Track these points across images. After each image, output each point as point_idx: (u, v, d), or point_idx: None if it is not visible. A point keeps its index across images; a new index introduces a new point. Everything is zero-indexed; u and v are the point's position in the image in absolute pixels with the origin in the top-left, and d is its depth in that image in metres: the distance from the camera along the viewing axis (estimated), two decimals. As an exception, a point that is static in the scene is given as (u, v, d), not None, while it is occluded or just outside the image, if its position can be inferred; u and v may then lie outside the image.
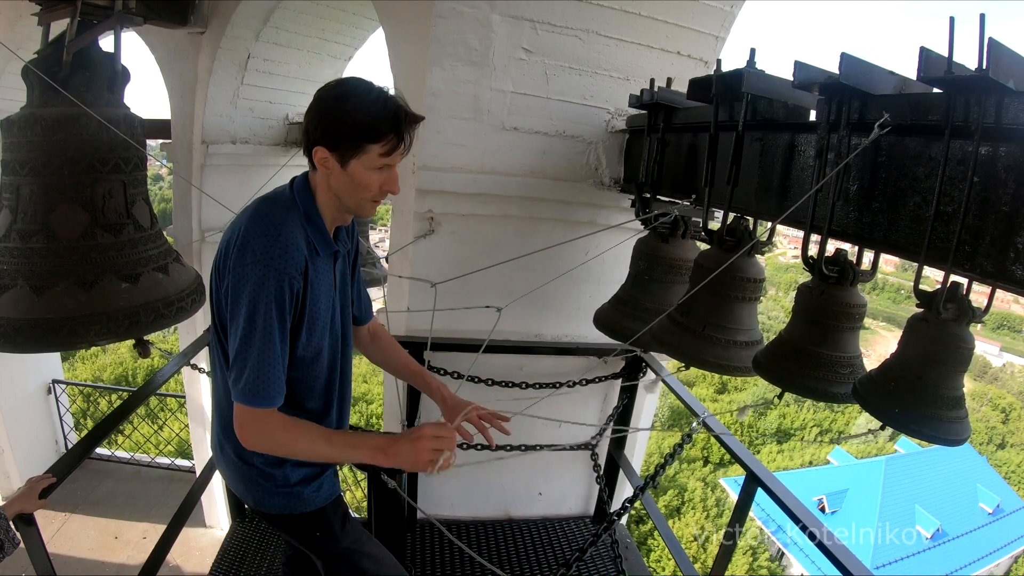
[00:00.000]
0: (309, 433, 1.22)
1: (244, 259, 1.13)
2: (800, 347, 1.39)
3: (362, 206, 1.24)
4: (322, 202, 1.24)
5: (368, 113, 1.12)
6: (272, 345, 1.14)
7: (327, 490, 1.43)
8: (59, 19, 1.87)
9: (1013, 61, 0.91)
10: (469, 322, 2.24)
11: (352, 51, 3.77)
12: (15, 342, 1.69)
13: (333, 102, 1.14)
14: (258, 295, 1.11)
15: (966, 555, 16.84)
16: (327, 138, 1.14)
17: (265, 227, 1.15)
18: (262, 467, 1.33)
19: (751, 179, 1.54)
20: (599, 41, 2.17)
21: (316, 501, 1.40)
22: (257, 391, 1.14)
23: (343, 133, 1.13)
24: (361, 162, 1.15)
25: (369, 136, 1.13)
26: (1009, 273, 0.94)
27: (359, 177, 1.17)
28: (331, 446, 1.24)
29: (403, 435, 1.24)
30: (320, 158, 1.16)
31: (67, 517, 3.99)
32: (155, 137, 3.53)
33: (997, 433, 26.27)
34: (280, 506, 1.37)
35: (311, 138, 1.16)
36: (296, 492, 1.37)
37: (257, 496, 1.37)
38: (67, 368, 14.97)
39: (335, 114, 1.13)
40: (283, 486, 1.35)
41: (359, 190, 1.19)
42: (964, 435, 1.12)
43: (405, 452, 1.21)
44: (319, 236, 1.23)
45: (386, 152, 1.15)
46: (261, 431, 1.18)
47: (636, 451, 2.91)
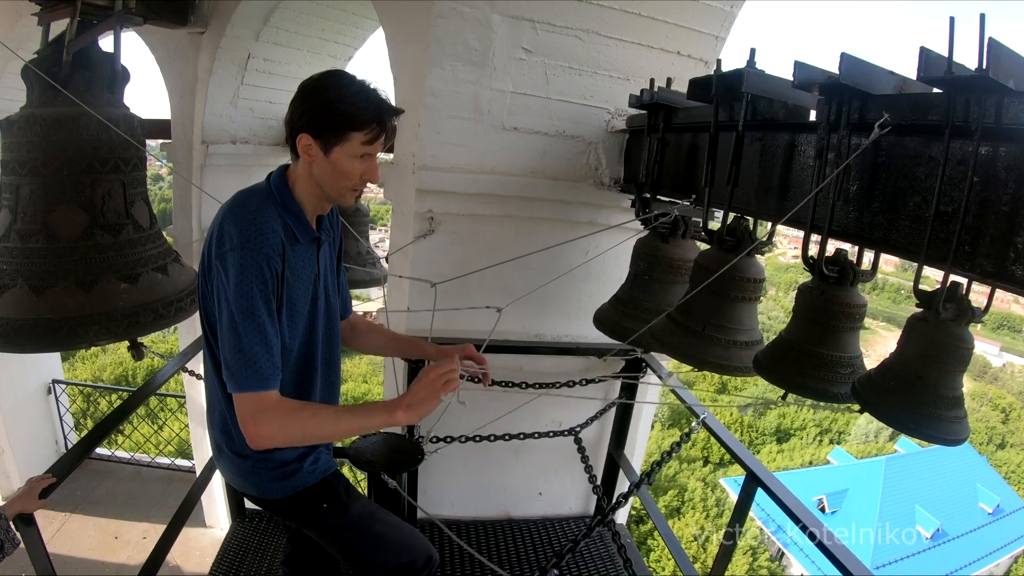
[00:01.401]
0: (320, 414, 1.21)
1: (222, 247, 1.15)
2: (800, 347, 1.39)
3: (343, 195, 1.26)
4: (302, 191, 1.26)
5: (352, 103, 1.16)
6: (259, 324, 1.13)
7: (324, 463, 1.45)
8: (59, 19, 1.87)
9: (1013, 61, 0.91)
10: (469, 322, 2.23)
11: (352, 51, 3.77)
12: (15, 342, 1.69)
13: (318, 91, 1.18)
14: (239, 279, 1.12)
15: (966, 555, 16.85)
16: (311, 125, 1.17)
17: (240, 215, 1.18)
18: (256, 455, 1.33)
19: (751, 179, 1.54)
20: (599, 41, 2.17)
21: (316, 473, 1.41)
22: (251, 373, 1.12)
23: (327, 121, 1.16)
24: (344, 150, 1.18)
25: (353, 124, 1.16)
26: (1009, 273, 0.94)
27: (341, 165, 1.20)
28: (346, 420, 1.21)
29: (413, 388, 1.20)
30: (304, 145, 1.19)
31: (67, 517, 3.99)
32: (155, 137, 3.53)
33: (997, 433, 26.27)
34: (284, 488, 1.38)
35: (295, 126, 1.19)
36: (295, 469, 1.37)
37: (259, 485, 1.38)
38: (67, 368, 14.97)
39: (320, 102, 1.17)
40: (281, 466, 1.36)
41: (341, 178, 1.22)
42: (964, 435, 1.12)
43: (419, 394, 1.18)
44: (297, 223, 1.25)
45: (368, 140, 1.19)
46: (269, 421, 1.13)
47: (636, 451, 2.91)
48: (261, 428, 1.14)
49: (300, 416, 1.18)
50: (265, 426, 1.14)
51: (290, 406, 1.19)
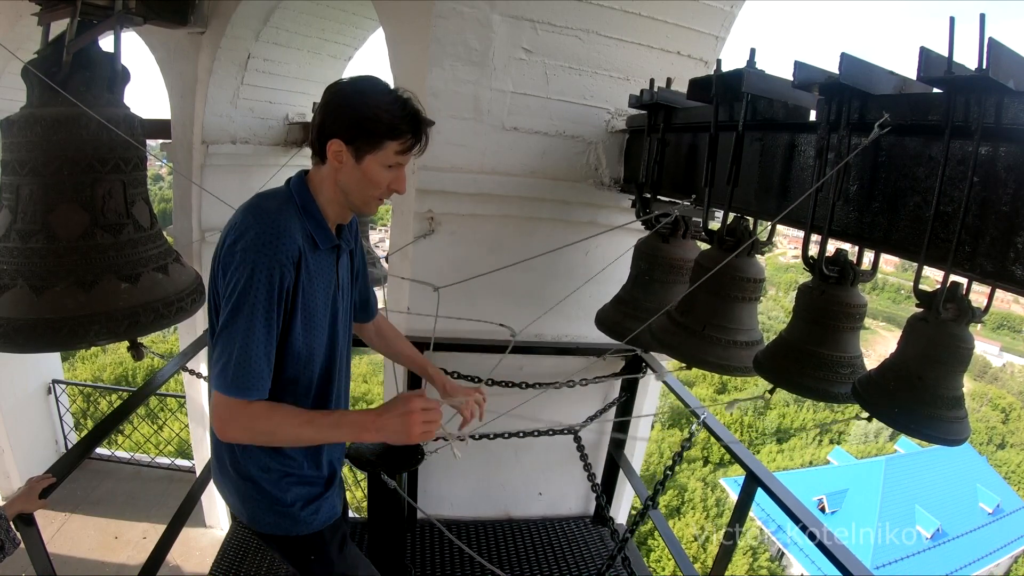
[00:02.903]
0: (291, 419, 1.17)
1: (234, 249, 1.12)
2: (800, 347, 1.39)
3: (368, 203, 1.24)
4: (325, 198, 1.23)
5: (390, 111, 1.13)
6: (255, 332, 1.11)
7: (326, 512, 1.39)
8: (59, 19, 1.86)
9: (1013, 61, 0.91)
10: (470, 323, 2.24)
11: (352, 51, 3.77)
12: (15, 342, 1.68)
13: (356, 96, 1.15)
14: (247, 283, 1.09)
15: (966, 555, 16.84)
16: (345, 131, 1.14)
17: (258, 218, 1.14)
18: (260, 483, 1.30)
19: (751, 179, 1.54)
20: (599, 41, 2.17)
21: (314, 524, 1.36)
22: (237, 381, 1.10)
23: (363, 127, 1.13)
24: (376, 158, 1.16)
25: (390, 133, 1.14)
26: (1009, 273, 0.94)
27: (371, 173, 1.17)
28: (315, 428, 1.18)
29: (390, 409, 1.18)
30: (335, 150, 1.16)
31: (67, 517, 3.99)
32: (155, 137, 3.53)
33: (997, 433, 26.27)
34: (275, 525, 1.33)
35: (327, 130, 1.15)
36: (292, 513, 1.33)
37: (252, 512, 1.34)
38: (67, 368, 14.98)
39: (357, 108, 1.13)
40: (279, 505, 1.32)
41: (368, 187, 1.19)
42: (964, 435, 1.12)
43: (394, 426, 1.16)
44: (318, 229, 1.21)
45: (403, 151, 1.17)
46: (240, 423, 1.14)
47: (636, 452, 2.91)
48: (230, 428, 1.15)
49: (273, 420, 1.15)
50: (235, 427, 1.15)
51: (265, 411, 1.15)
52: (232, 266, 1.11)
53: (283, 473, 1.32)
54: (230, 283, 1.11)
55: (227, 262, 1.13)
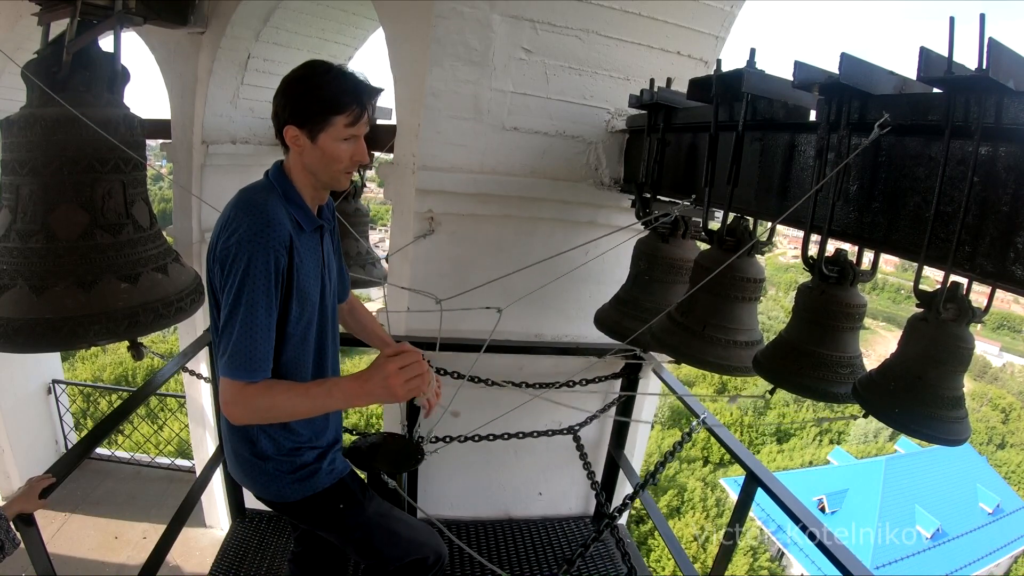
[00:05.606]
0: (287, 392, 1.22)
1: (229, 241, 1.18)
2: (800, 347, 1.39)
3: (336, 178, 1.30)
4: (299, 182, 1.30)
5: (330, 88, 1.20)
6: (256, 318, 1.16)
7: (340, 464, 1.50)
8: (59, 19, 1.86)
9: (1013, 61, 0.91)
10: (469, 322, 2.23)
11: (352, 51, 3.77)
12: (15, 342, 1.68)
13: (297, 83, 1.22)
14: (245, 273, 1.15)
15: (966, 555, 16.85)
16: (295, 116, 1.21)
17: (248, 211, 1.20)
18: (278, 458, 1.38)
19: (751, 179, 1.54)
20: (599, 41, 2.17)
21: (334, 474, 1.46)
22: (241, 363, 1.16)
23: (309, 109, 1.20)
24: (329, 135, 1.22)
25: (334, 108, 1.20)
26: (1009, 273, 0.94)
27: (329, 149, 1.24)
28: (311, 399, 1.23)
29: (371, 375, 1.19)
30: (291, 136, 1.23)
31: (67, 517, 3.99)
32: (155, 137, 3.52)
33: (997, 433, 26.27)
34: (304, 490, 1.41)
35: (281, 120, 1.24)
36: (314, 470, 1.41)
37: (279, 490, 1.41)
38: (67, 368, 14.98)
39: (299, 92, 1.21)
40: (301, 468, 1.39)
41: (331, 162, 1.26)
42: (964, 435, 1.12)
43: (379, 391, 1.18)
44: (301, 213, 1.28)
45: (351, 122, 1.22)
46: (243, 402, 1.19)
47: (636, 452, 2.91)
48: (234, 410, 1.20)
49: (272, 395, 1.20)
50: (242, 408, 1.20)
51: (264, 388, 1.20)
52: (230, 259, 1.17)
53: (295, 445, 1.40)
54: (229, 275, 1.17)
55: (224, 257, 1.18)
